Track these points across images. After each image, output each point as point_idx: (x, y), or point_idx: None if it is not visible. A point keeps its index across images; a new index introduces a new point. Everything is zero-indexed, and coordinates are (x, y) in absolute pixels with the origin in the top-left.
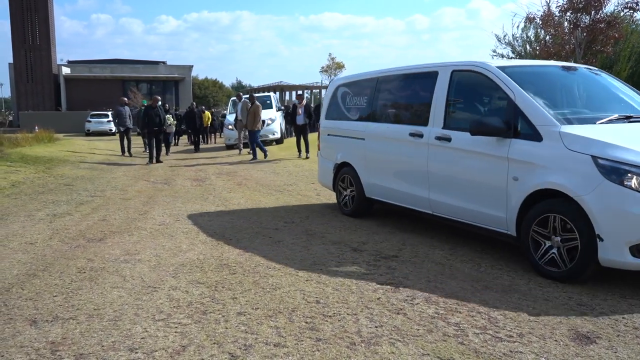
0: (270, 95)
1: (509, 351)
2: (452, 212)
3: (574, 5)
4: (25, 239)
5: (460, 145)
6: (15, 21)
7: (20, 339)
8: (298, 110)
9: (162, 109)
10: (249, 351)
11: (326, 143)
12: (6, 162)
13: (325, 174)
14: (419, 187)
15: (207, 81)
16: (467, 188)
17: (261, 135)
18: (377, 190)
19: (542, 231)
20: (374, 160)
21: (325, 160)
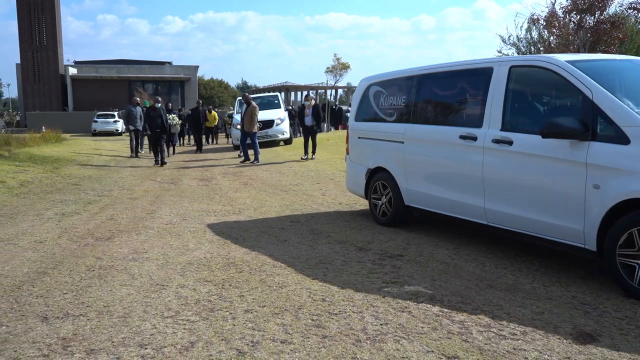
0: (277, 95)
1: (513, 349)
2: (513, 223)
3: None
4: (35, 237)
5: (524, 149)
6: (22, 22)
7: (32, 335)
8: (306, 111)
9: (164, 109)
10: (256, 347)
11: (357, 146)
12: (14, 162)
13: (356, 180)
14: (471, 195)
15: (212, 81)
16: (534, 197)
17: (270, 135)
18: (419, 198)
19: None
20: (415, 166)
21: (356, 165)
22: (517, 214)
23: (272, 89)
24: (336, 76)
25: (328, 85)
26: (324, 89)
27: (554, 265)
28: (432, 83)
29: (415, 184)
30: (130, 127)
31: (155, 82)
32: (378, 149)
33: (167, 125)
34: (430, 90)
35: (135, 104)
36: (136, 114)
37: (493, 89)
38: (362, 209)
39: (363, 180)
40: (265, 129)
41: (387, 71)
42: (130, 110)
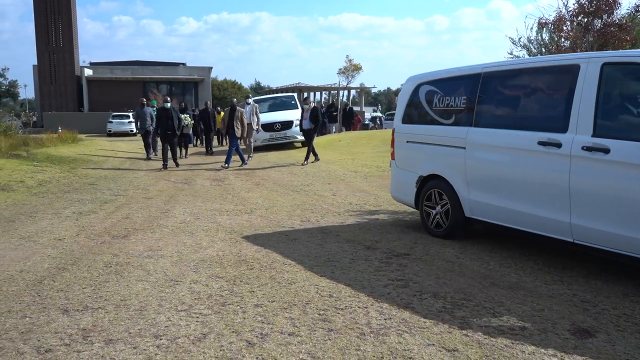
0: (294, 96)
1: (511, 343)
2: (607, 242)
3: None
4: (54, 235)
5: (625, 158)
6: (39, 24)
7: (54, 326)
8: (304, 115)
9: (175, 110)
10: (265, 339)
11: (405, 151)
12: (33, 162)
13: (403, 188)
14: (553, 208)
15: (226, 82)
16: (636, 213)
17: (289, 136)
18: (483, 210)
19: None
20: (480, 174)
21: (403, 171)
22: (614, 232)
23: (285, 89)
24: (348, 77)
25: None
26: (336, 89)
27: (558, 264)
28: (501, 82)
29: (480, 194)
30: (141, 130)
31: (169, 83)
32: (432, 154)
33: (180, 127)
34: (499, 89)
35: (142, 104)
36: (145, 115)
37: (581, 88)
38: (371, 209)
39: (413, 188)
40: (283, 130)
41: (440, 69)
42: (138, 112)
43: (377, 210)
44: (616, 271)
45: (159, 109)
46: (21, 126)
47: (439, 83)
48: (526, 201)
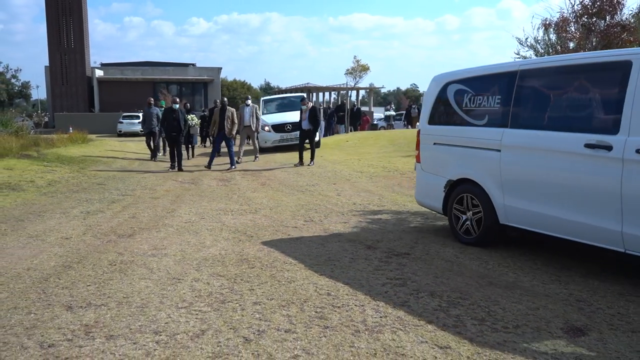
0: (303, 96)
1: (503, 340)
2: None
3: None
4: (61, 234)
5: None
6: (51, 25)
7: (58, 322)
8: (302, 115)
9: (182, 110)
10: (261, 336)
11: (432, 154)
12: (43, 162)
13: (430, 192)
14: (602, 216)
15: (235, 82)
16: None
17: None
18: (520, 216)
19: None
20: (517, 178)
21: (430, 175)
22: None
23: (294, 90)
24: (356, 78)
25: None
26: (346, 89)
27: (556, 264)
28: (540, 79)
29: (517, 200)
30: (145, 130)
31: (179, 83)
32: (463, 157)
33: (186, 127)
34: (538, 88)
35: (150, 104)
36: (152, 115)
37: (634, 86)
38: (375, 209)
39: (441, 193)
40: (294, 131)
41: (471, 66)
42: (145, 112)
43: (381, 211)
44: (614, 271)
45: (166, 109)
46: (33, 127)
47: (470, 82)
48: (570, 208)
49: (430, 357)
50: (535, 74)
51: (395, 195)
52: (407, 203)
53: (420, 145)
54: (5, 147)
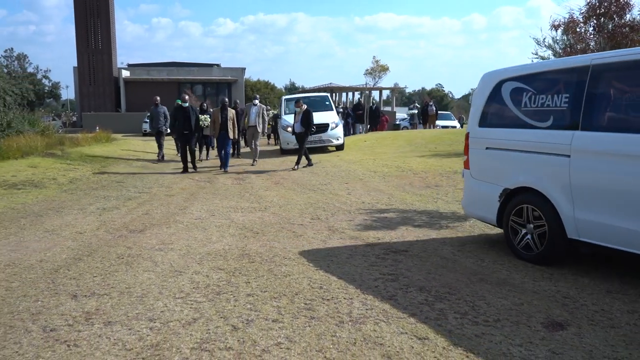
0: (327, 96)
1: (481, 333)
2: None
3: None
4: (76, 229)
5: None
6: (79, 26)
7: (62, 309)
8: (296, 118)
9: (193, 109)
10: (249, 324)
11: (484, 160)
12: (66, 161)
13: (481, 202)
14: None
15: (259, 83)
16: None
17: (324, 140)
18: (595, 231)
19: None
20: (591, 186)
21: (481, 183)
22: None
23: (316, 90)
24: (375, 78)
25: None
26: (369, 89)
27: (553, 264)
28: (619, 75)
29: (590, 211)
30: (153, 130)
31: (203, 83)
32: (522, 163)
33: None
34: (616, 84)
35: (155, 104)
36: (159, 115)
37: None
38: (382, 208)
39: (494, 203)
40: (318, 134)
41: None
42: (152, 112)
43: (388, 209)
44: (606, 269)
45: (176, 107)
46: (61, 126)
47: (529, 79)
48: None
49: (407, 347)
50: (612, 69)
51: (405, 195)
52: (415, 202)
53: (470, 150)
54: (31, 145)
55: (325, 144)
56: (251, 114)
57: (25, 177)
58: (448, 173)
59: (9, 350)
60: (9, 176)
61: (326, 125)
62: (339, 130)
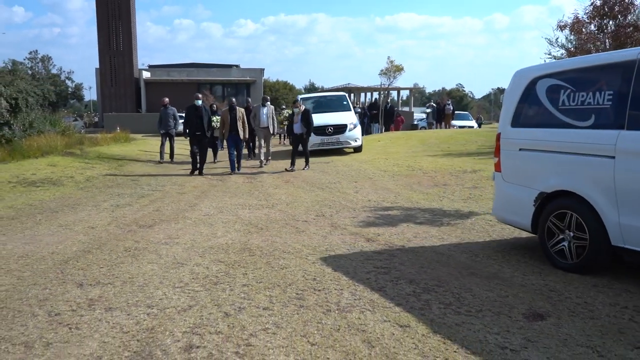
0: (345, 96)
1: (462, 322)
2: None
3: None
4: (88, 224)
5: None
6: (101, 29)
7: (67, 296)
8: (295, 118)
9: (206, 109)
10: (241, 312)
11: (517, 161)
12: (85, 160)
13: (514, 207)
14: None
15: (278, 83)
16: None
17: (342, 142)
18: None
19: None
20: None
21: (514, 186)
22: None
23: (334, 90)
24: (390, 78)
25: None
26: (387, 90)
27: (543, 259)
28: None
29: (638, 217)
30: (161, 131)
31: (222, 84)
32: (560, 165)
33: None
34: None
35: (164, 104)
36: (167, 115)
37: None
38: (387, 206)
39: (529, 208)
40: (336, 135)
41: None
42: (160, 113)
43: (392, 207)
44: None
45: (189, 107)
46: (83, 126)
47: (567, 75)
48: None
49: (388, 333)
50: None
51: (412, 193)
52: (421, 200)
53: (502, 152)
54: (51, 145)
55: (342, 145)
56: (261, 115)
57: (44, 175)
58: (457, 172)
59: (16, 332)
60: (28, 174)
61: (344, 126)
62: (357, 132)
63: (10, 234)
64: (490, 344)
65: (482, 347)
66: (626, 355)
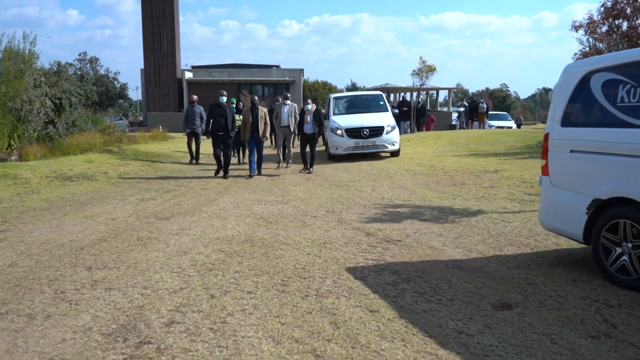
0: (381, 95)
1: (429, 309)
2: None
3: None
4: (111, 216)
5: None
6: (146, 30)
7: (75, 277)
8: (306, 117)
9: (231, 107)
10: (225, 294)
11: (569, 164)
12: (120, 157)
13: (564, 214)
14: None
15: (317, 83)
16: None
17: (378, 145)
18: None
19: None
20: None
21: (565, 192)
22: None
23: (371, 90)
24: (422, 79)
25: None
26: (425, 90)
27: (536, 255)
28: None
29: None
30: (187, 130)
31: (262, 84)
32: (617, 169)
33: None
34: None
35: (192, 102)
36: (194, 114)
37: None
38: (398, 203)
39: (581, 216)
40: (371, 137)
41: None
42: (187, 110)
43: (403, 205)
44: (582, 262)
45: (212, 104)
46: (128, 125)
47: (628, 69)
48: None
49: (356, 317)
50: None
51: (427, 192)
52: (434, 199)
53: (550, 154)
54: (90, 142)
55: (378, 149)
56: (283, 113)
57: (81, 170)
58: (479, 172)
59: (23, 306)
60: (66, 170)
61: (380, 129)
62: (394, 135)
63: (39, 223)
64: (449, 328)
65: (440, 331)
66: (578, 342)
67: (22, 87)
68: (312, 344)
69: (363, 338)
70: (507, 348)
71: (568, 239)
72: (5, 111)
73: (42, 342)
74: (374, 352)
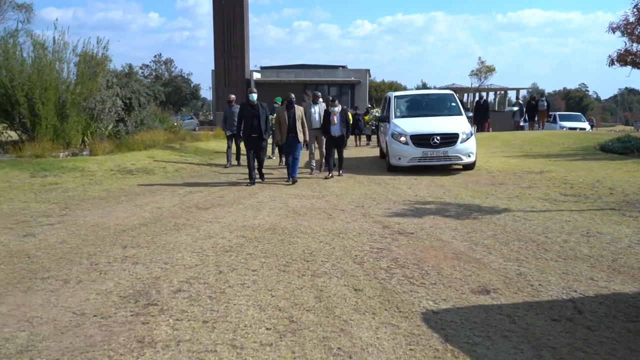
0: (452, 95)
1: (410, 290)
2: None
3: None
4: (158, 205)
5: None
6: (217, 33)
7: (110, 254)
8: (332, 119)
9: (265, 107)
10: (232, 271)
11: None
12: (181, 153)
13: None
14: None
15: (383, 84)
16: None
17: (451, 157)
18: None
19: None
20: None
21: None
22: None
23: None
24: (481, 79)
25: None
26: (494, 90)
27: (536, 254)
28: None
29: None
30: (227, 132)
31: (327, 84)
32: None
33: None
34: None
35: (231, 102)
36: (233, 115)
37: None
38: (428, 200)
39: None
40: (443, 147)
41: None
42: (226, 111)
43: (432, 202)
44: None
45: (242, 104)
46: (198, 124)
47: None
48: None
49: (340, 294)
50: None
51: (462, 190)
52: (466, 197)
53: None
54: (154, 139)
55: (451, 161)
56: (312, 114)
57: (142, 165)
58: (522, 173)
59: (62, 273)
60: (128, 164)
61: (454, 136)
62: (470, 144)
63: (94, 210)
64: (420, 306)
65: (409, 308)
66: (536, 324)
67: (96, 87)
68: (292, 313)
69: (339, 310)
70: (465, 324)
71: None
72: (80, 110)
73: (70, 300)
74: (343, 322)
